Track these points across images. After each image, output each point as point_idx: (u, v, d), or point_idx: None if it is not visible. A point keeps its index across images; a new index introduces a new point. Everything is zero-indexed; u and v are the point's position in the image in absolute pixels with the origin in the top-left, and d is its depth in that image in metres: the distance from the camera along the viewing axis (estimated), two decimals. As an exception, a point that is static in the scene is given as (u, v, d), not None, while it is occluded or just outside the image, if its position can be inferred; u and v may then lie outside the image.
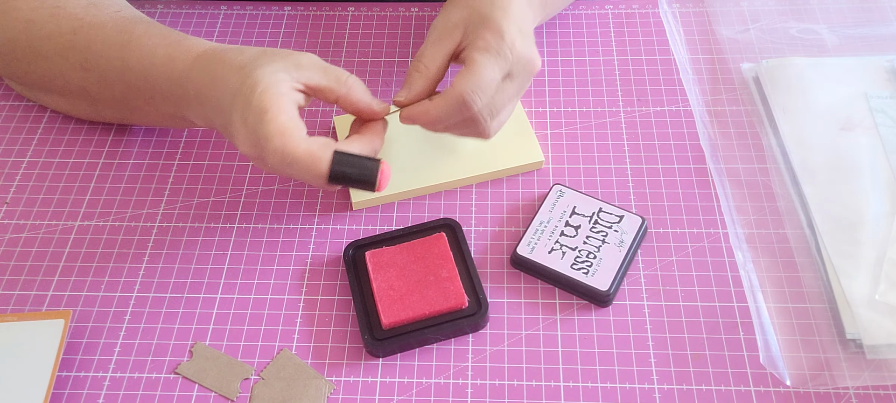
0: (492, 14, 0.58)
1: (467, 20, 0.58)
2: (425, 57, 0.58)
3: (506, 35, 0.57)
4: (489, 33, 0.57)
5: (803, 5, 0.77)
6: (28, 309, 0.59)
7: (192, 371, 0.56)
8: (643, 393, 0.54)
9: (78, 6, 0.64)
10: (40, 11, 0.64)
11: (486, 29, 0.57)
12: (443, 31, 0.59)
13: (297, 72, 0.55)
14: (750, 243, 0.61)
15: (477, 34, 0.57)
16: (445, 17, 0.59)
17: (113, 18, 0.63)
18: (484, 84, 0.56)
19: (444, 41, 0.59)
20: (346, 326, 0.58)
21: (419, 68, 0.58)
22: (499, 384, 0.55)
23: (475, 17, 0.58)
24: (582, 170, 0.66)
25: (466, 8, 0.59)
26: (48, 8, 0.64)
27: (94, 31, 0.62)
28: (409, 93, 0.58)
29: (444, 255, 0.59)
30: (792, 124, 0.67)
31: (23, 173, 0.68)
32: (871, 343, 0.54)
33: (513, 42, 0.57)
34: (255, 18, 0.79)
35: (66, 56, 0.63)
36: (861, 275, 0.57)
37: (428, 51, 0.59)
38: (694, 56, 0.74)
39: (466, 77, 0.56)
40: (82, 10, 0.63)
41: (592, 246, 0.60)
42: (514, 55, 0.57)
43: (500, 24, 0.57)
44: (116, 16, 0.63)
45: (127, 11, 0.65)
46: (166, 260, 0.62)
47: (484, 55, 0.56)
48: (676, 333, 0.57)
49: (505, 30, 0.57)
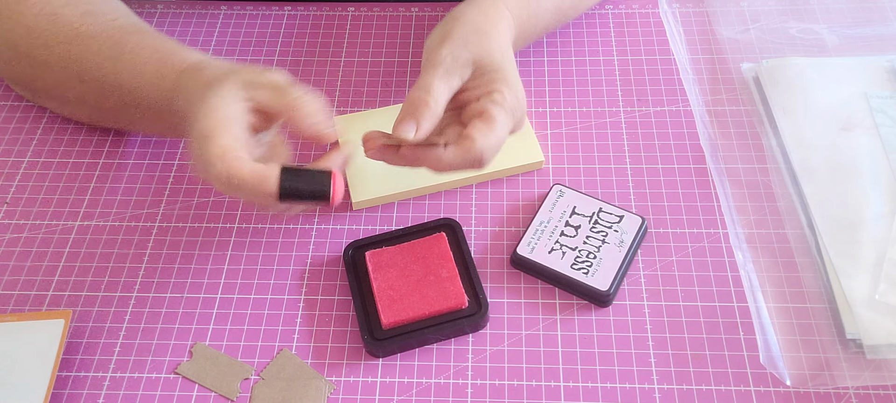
0: (506, 65, 0.58)
1: (478, 63, 0.58)
2: (434, 92, 0.56)
3: (519, 90, 0.58)
4: (506, 88, 0.57)
5: (803, 5, 0.77)
6: (28, 309, 0.59)
7: (192, 371, 0.56)
8: (643, 393, 0.54)
9: (74, 14, 0.63)
10: (40, 18, 0.63)
11: (503, 82, 0.57)
12: (452, 66, 0.57)
13: (251, 91, 0.52)
14: (750, 243, 0.61)
15: (493, 85, 0.57)
16: (453, 53, 0.58)
17: (107, 29, 0.62)
18: (501, 141, 0.57)
19: (451, 78, 0.57)
20: (346, 326, 0.58)
21: (429, 104, 0.55)
22: (499, 384, 0.55)
23: (487, 63, 0.58)
24: (582, 170, 0.66)
25: (476, 51, 0.58)
26: (46, 16, 0.63)
27: (88, 42, 0.62)
28: (419, 132, 0.55)
29: (444, 255, 0.59)
30: (792, 124, 0.67)
31: (23, 173, 0.68)
32: (871, 343, 0.54)
33: (523, 100, 0.59)
34: (255, 18, 0.79)
35: (64, 66, 0.63)
36: (861, 275, 0.57)
37: (437, 85, 0.56)
38: (694, 56, 0.74)
39: (487, 134, 0.55)
40: (79, 19, 0.63)
41: (592, 246, 0.60)
42: (520, 113, 0.59)
43: (515, 80, 0.58)
44: (111, 26, 0.63)
45: (123, 19, 0.64)
46: (166, 260, 0.62)
47: (502, 112, 0.57)
48: (676, 333, 0.57)
49: (518, 86, 0.58)
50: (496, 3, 0.63)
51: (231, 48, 0.76)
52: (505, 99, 0.57)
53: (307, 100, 0.53)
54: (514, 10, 0.64)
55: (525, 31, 0.67)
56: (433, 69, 0.57)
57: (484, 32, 0.59)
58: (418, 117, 0.55)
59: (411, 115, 0.55)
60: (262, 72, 0.54)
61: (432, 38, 0.60)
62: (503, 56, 0.59)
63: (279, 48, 0.76)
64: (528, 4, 0.66)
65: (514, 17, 0.64)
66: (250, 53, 0.76)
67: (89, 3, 0.64)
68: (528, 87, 0.72)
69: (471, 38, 0.59)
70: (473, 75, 0.58)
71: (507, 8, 0.64)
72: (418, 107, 0.55)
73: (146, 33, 0.62)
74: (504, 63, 0.58)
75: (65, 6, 0.63)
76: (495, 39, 0.60)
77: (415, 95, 0.56)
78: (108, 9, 0.65)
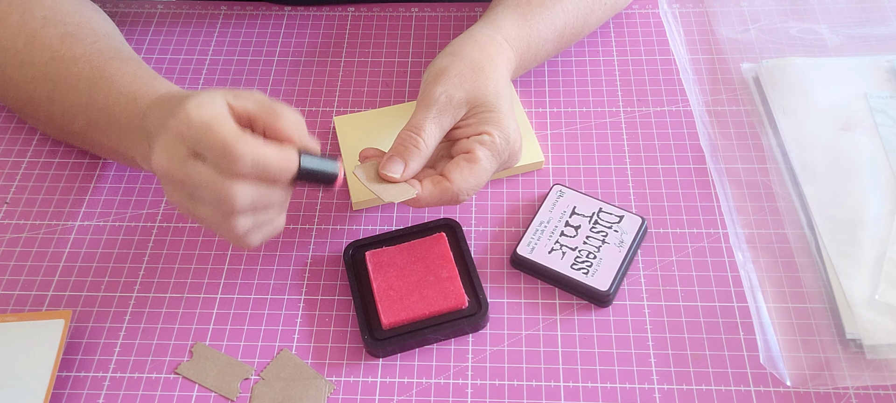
0: (499, 106, 0.59)
1: (472, 104, 0.58)
2: (425, 132, 0.57)
3: (511, 135, 0.58)
4: (496, 130, 0.58)
5: (803, 5, 0.77)
6: (28, 309, 0.59)
7: (192, 371, 0.56)
8: (643, 393, 0.54)
9: (53, 37, 0.62)
10: (17, 40, 0.63)
11: (494, 124, 0.58)
12: (445, 106, 0.58)
13: (233, 99, 0.51)
14: (750, 243, 0.61)
15: (483, 126, 0.58)
16: (448, 92, 0.58)
17: (87, 53, 0.62)
18: (481, 182, 0.57)
19: (444, 118, 0.58)
20: (346, 326, 0.58)
21: (419, 145, 0.57)
22: (499, 384, 0.55)
23: (481, 103, 0.58)
24: (582, 170, 0.66)
25: (470, 90, 0.58)
26: (23, 37, 0.63)
27: (68, 64, 0.61)
28: (407, 172, 0.56)
29: (444, 255, 0.59)
30: (792, 124, 0.67)
31: (23, 173, 0.68)
32: (871, 343, 0.54)
33: (516, 142, 0.59)
34: (255, 18, 0.79)
35: (35, 86, 0.63)
36: (861, 275, 0.57)
37: (428, 127, 0.57)
38: (694, 56, 0.74)
39: (467, 175, 0.56)
40: (58, 42, 0.62)
41: (592, 246, 0.60)
42: (514, 154, 0.60)
43: (507, 123, 0.58)
44: (92, 49, 0.62)
45: (104, 43, 0.63)
46: (166, 260, 0.62)
47: (487, 154, 0.57)
48: (676, 333, 0.57)
49: (510, 129, 0.58)
50: (494, 37, 0.64)
51: (231, 48, 0.76)
52: (493, 141, 0.58)
53: (289, 110, 0.52)
54: (513, 42, 0.65)
55: (525, 62, 0.67)
56: (426, 109, 0.58)
57: (480, 69, 0.60)
58: (407, 158, 0.56)
59: (400, 155, 0.57)
60: (246, 91, 0.52)
61: (430, 72, 0.61)
62: (498, 96, 0.59)
63: (279, 48, 0.76)
64: (528, 36, 0.66)
65: (513, 49, 0.64)
66: (250, 53, 0.76)
67: (68, 26, 0.63)
68: (528, 87, 0.72)
69: (467, 76, 0.59)
70: (467, 114, 0.59)
71: (506, 41, 0.64)
72: (408, 148, 0.57)
73: (127, 61, 0.61)
74: (498, 103, 0.59)
75: (43, 27, 0.63)
76: (492, 77, 0.60)
77: (405, 135, 0.57)
78: (87, 31, 0.64)
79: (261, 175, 0.49)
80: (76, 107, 0.61)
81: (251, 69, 0.75)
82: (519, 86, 0.72)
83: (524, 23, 0.66)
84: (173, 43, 0.77)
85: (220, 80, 0.74)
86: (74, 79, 0.61)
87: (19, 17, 0.63)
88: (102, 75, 0.60)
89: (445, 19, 0.78)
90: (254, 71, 0.75)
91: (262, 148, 0.49)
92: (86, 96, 0.60)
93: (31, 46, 0.62)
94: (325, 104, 0.72)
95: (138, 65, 0.62)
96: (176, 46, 0.77)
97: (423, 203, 0.57)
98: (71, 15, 0.64)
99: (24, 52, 0.63)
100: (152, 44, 0.77)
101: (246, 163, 0.48)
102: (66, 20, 0.64)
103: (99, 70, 0.60)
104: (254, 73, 0.74)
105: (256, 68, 0.75)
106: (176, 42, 0.77)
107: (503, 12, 0.66)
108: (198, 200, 0.50)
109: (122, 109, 0.58)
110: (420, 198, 0.57)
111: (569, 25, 0.69)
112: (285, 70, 0.75)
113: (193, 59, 0.76)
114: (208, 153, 0.48)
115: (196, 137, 0.48)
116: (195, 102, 0.49)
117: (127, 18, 0.79)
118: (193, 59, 0.76)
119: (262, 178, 0.49)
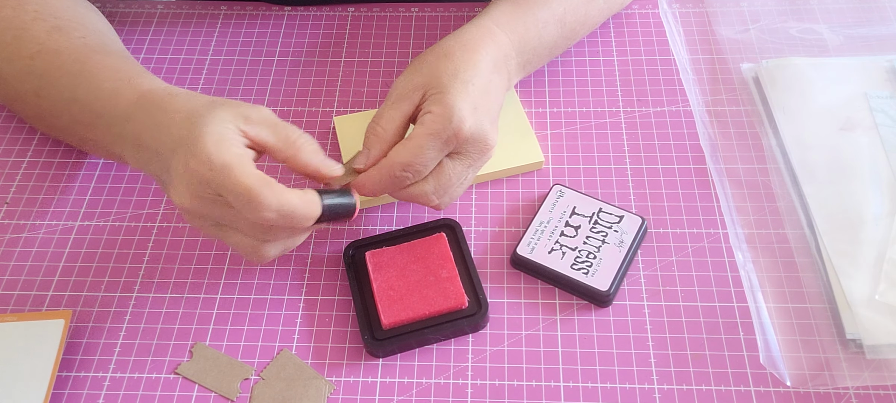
0: (449, 86, 0.56)
1: (427, 86, 0.57)
2: (383, 119, 0.57)
3: (455, 114, 0.55)
4: (439, 109, 0.55)
5: (803, 5, 0.77)
6: (28, 309, 0.59)
7: (192, 371, 0.56)
8: (643, 393, 0.54)
9: (42, 30, 0.62)
10: (6, 33, 0.63)
11: (438, 104, 0.55)
12: (402, 93, 0.57)
13: (245, 125, 0.52)
14: (750, 243, 0.61)
15: (428, 106, 0.56)
16: (408, 78, 0.58)
17: (74, 45, 0.61)
18: (419, 161, 0.55)
19: (401, 104, 0.57)
20: (346, 326, 0.58)
21: (376, 131, 0.56)
22: (499, 384, 0.55)
23: (434, 84, 0.57)
24: (582, 170, 0.66)
25: (429, 73, 0.57)
26: (13, 30, 0.62)
27: (52, 57, 0.61)
28: (367, 158, 0.56)
29: (444, 255, 0.59)
30: (792, 124, 0.67)
31: (23, 173, 0.68)
32: (871, 343, 0.54)
33: (462, 121, 0.55)
34: (255, 18, 0.79)
35: (23, 80, 0.62)
36: (861, 275, 0.57)
37: (386, 113, 0.57)
38: (694, 56, 0.74)
39: (401, 151, 0.55)
40: (45, 35, 0.62)
41: (592, 246, 0.60)
42: (460, 135, 0.55)
43: (453, 101, 0.55)
44: (79, 42, 0.62)
45: (93, 38, 0.63)
46: (166, 261, 0.62)
47: (422, 131, 0.55)
48: (676, 333, 0.57)
49: (455, 107, 0.55)
50: (482, 23, 0.63)
51: (231, 48, 0.76)
52: (433, 120, 0.55)
53: (306, 137, 0.53)
54: (505, 26, 0.63)
55: (528, 44, 0.65)
56: (387, 98, 0.58)
57: (446, 55, 0.58)
58: (367, 145, 0.57)
59: (364, 145, 0.57)
60: (251, 107, 0.53)
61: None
62: (454, 76, 0.57)
63: (279, 48, 0.76)
64: (524, 18, 0.65)
65: (506, 33, 0.63)
66: (250, 53, 0.76)
67: (59, 20, 0.63)
68: (528, 87, 0.72)
69: (429, 62, 0.58)
70: (423, 97, 0.57)
71: (496, 25, 0.63)
72: (368, 137, 0.57)
73: (112, 54, 0.61)
74: (451, 85, 0.56)
75: (33, 21, 0.62)
76: (458, 59, 0.58)
77: (368, 126, 0.57)
78: (77, 26, 0.63)
79: (285, 222, 0.50)
80: (61, 101, 0.61)
81: (251, 69, 0.75)
82: (519, 87, 0.72)
83: (517, 8, 0.65)
84: (173, 43, 0.77)
85: (220, 80, 0.74)
86: (59, 73, 0.60)
87: (11, 11, 0.63)
88: (84, 69, 0.59)
89: (445, 19, 0.79)
90: (254, 71, 0.75)
91: (287, 195, 0.50)
92: (69, 91, 0.60)
93: (19, 40, 0.62)
94: (325, 104, 0.72)
95: (123, 59, 0.61)
96: (176, 46, 0.77)
97: (367, 184, 0.56)
98: (63, 10, 0.64)
99: (12, 45, 0.62)
100: (152, 44, 0.77)
101: (271, 212, 0.49)
102: (57, 15, 0.63)
103: (81, 64, 0.60)
104: (254, 73, 0.74)
105: (256, 68, 0.75)
106: (176, 42, 0.77)
107: (496, 3, 0.66)
108: (227, 228, 0.53)
109: (103, 105, 0.57)
110: (363, 178, 0.56)
111: (569, 10, 0.68)
112: (285, 70, 0.75)
113: (193, 59, 0.76)
114: (232, 199, 0.49)
115: (219, 182, 0.49)
116: (214, 140, 0.49)
117: (127, 18, 0.79)
118: (193, 59, 0.76)
119: (286, 225, 0.51)
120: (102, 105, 0.57)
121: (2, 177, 0.67)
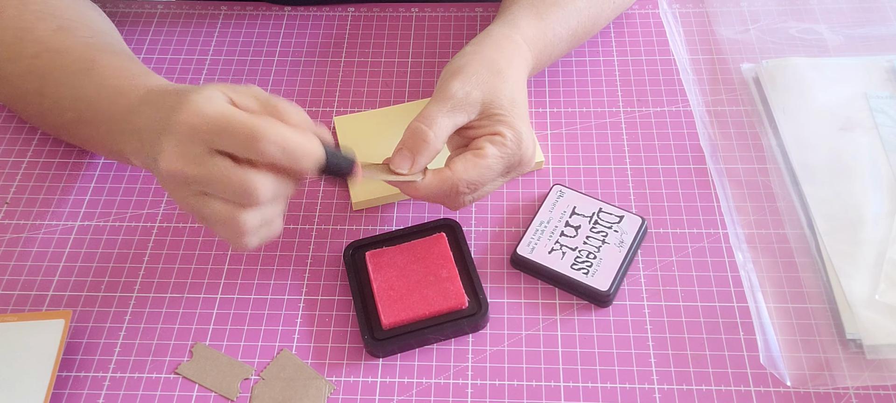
0: (512, 111, 0.58)
1: (487, 105, 0.57)
2: (436, 126, 0.55)
3: (523, 139, 0.57)
4: (510, 132, 0.57)
5: (803, 5, 0.77)
6: (28, 309, 0.59)
7: (192, 371, 0.56)
8: (643, 393, 0.54)
9: (46, 30, 0.62)
10: (8, 33, 0.63)
11: (507, 126, 0.57)
12: (460, 103, 0.56)
13: (233, 94, 0.50)
14: (750, 243, 0.61)
15: (496, 126, 0.57)
16: (465, 90, 0.57)
17: (79, 45, 0.61)
18: (484, 179, 0.56)
19: (457, 114, 0.56)
20: (346, 326, 0.58)
21: (428, 138, 0.55)
22: (499, 384, 0.55)
23: (495, 105, 0.57)
24: (582, 170, 0.66)
25: (488, 91, 0.57)
26: (16, 30, 0.62)
27: (56, 56, 0.61)
28: (414, 166, 0.55)
29: (444, 255, 0.59)
30: (792, 124, 0.67)
31: (23, 173, 0.68)
32: (871, 343, 0.54)
33: (527, 147, 0.58)
34: (255, 18, 0.79)
35: (25, 79, 0.62)
36: (861, 275, 0.57)
37: (441, 120, 0.56)
38: (694, 56, 0.74)
39: (471, 168, 0.55)
40: (49, 35, 0.62)
41: (592, 246, 0.60)
42: (524, 161, 0.58)
43: (521, 127, 0.57)
44: (84, 42, 0.62)
45: (99, 39, 0.63)
46: (166, 261, 0.62)
47: (495, 152, 0.56)
48: (676, 333, 0.57)
49: (523, 133, 0.57)
50: (513, 37, 0.63)
51: (231, 48, 0.76)
52: (504, 140, 0.56)
53: (293, 107, 0.51)
54: (531, 42, 0.64)
55: (540, 62, 0.67)
56: (440, 103, 0.56)
57: (498, 72, 0.59)
58: (415, 152, 0.55)
59: (409, 147, 0.55)
60: (242, 85, 0.52)
61: (448, 69, 0.60)
62: (513, 101, 0.58)
63: (279, 48, 0.76)
64: (544, 35, 0.66)
65: (530, 49, 0.64)
66: (250, 53, 0.76)
67: (64, 19, 0.63)
68: (528, 87, 0.72)
69: (485, 77, 0.58)
70: (481, 115, 0.57)
71: (524, 40, 0.64)
72: (417, 141, 0.55)
73: (119, 54, 0.61)
74: (513, 108, 0.58)
75: (38, 21, 0.63)
76: (510, 80, 0.59)
77: (416, 126, 0.56)
78: (80, 26, 0.63)
79: (286, 160, 0.48)
80: (65, 100, 0.61)
81: (251, 69, 0.75)
82: (519, 87, 0.72)
83: (540, 22, 0.66)
84: (173, 43, 0.77)
85: (219, 80, 0.73)
86: (63, 72, 0.60)
87: (14, 10, 0.63)
88: (91, 67, 0.59)
89: (445, 19, 0.79)
90: (254, 71, 0.75)
91: (288, 131, 0.48)
92: (74, 89, 0.60)
93: (22, 40, 0.62)
94: (325, 104, 0.72)
95: (130, 60, 0.61)
96: (176, 46, 0.77)
97: (422, 192, 0.56)
98: (66, 10, 0.64)
99: (15, 45, 0.62)
100: (152, 44, 0.77)
101: (272, 146, 0.47)
102: (60, 15, 0.63)
103: (88, 62, 0.60)
104: (254, 73, 0.74)
105: (256, 68, 0.75)
106: (176, 42, 0.77)
107: (519, 12, 0.65)
108: (208, 197, 0.49)
109: (109, 103, 0.57)
110: (420, 187, 0.55)
111: (581, 24, 0.69)
112: (285, 70, 0.75)
113: (193, 59, 0.76)
114: (231, 141, 0.47)
115: (214, 129, 0.47)
116: (204, 96, 0.48)
117: (127, 18, 0.79)
118: (193, 59, 0.76)
119: (287, 165, 0.48)
120: (107, 102, 0.57)
121: (2, 177, 0.67)
